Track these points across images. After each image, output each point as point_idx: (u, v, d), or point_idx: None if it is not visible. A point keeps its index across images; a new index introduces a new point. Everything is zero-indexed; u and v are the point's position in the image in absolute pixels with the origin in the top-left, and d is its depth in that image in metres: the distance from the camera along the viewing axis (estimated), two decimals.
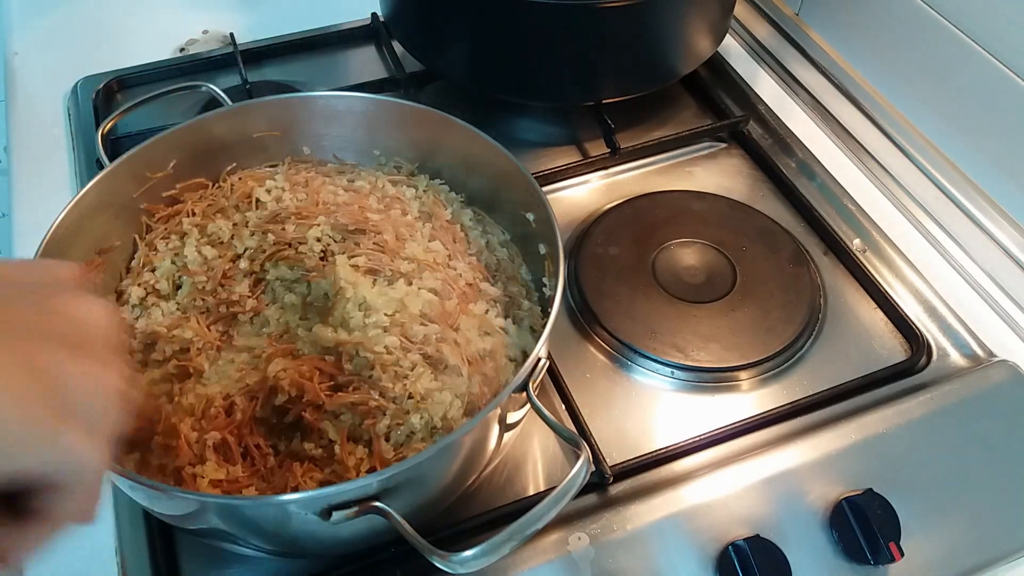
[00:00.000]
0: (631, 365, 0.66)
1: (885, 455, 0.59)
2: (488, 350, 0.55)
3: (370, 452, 0.50)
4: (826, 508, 0.56)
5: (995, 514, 0.57)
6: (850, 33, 0.86)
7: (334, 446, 0.50)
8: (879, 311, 0.69)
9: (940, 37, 0.74)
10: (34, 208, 0.77)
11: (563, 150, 0.83)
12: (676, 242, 0.73)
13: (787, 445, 0.59)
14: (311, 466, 0.50)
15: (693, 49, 0.82)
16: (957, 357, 0.66)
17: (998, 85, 0.70)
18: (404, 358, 0.52)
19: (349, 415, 0.51)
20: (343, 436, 0.50)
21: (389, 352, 0.52)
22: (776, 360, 0.66)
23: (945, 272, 0.73)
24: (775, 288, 0.69)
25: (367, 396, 0.50)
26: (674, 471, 0.59)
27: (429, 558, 0.43)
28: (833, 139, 0.85)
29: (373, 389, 0.51)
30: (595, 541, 0.54)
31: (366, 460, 0.50)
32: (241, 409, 0.51)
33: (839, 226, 0.76)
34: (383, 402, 0.50)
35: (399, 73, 0.88)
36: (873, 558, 0.53)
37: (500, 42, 0.78)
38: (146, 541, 0.55)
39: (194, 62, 0.91)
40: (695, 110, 0.88)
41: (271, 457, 0.51)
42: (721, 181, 0.81)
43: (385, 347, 0.52)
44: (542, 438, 0.62)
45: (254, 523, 0.47)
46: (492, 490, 0.59)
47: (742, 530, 0.55)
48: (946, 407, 0.61)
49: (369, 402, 0.50)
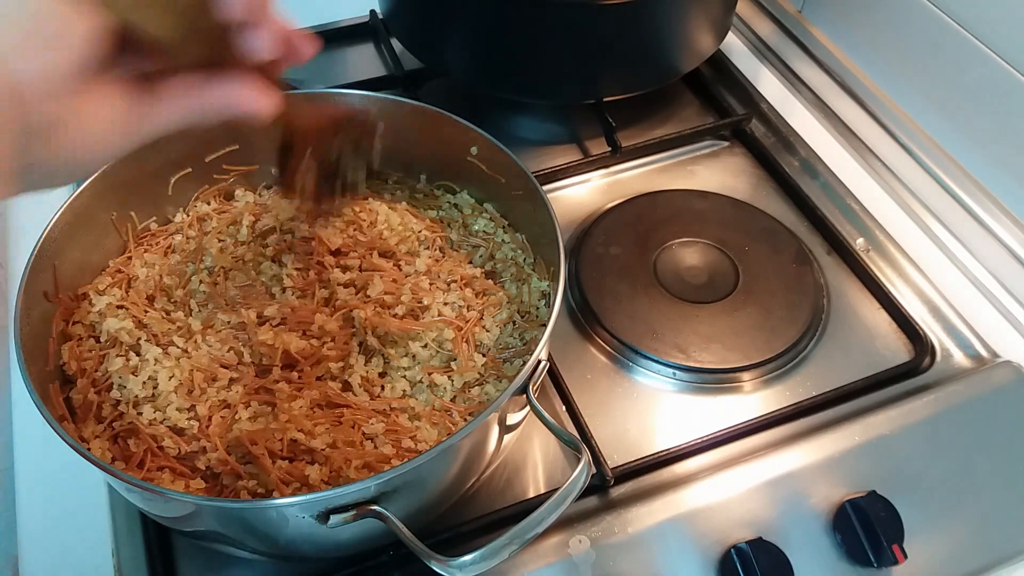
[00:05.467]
0: (632, 366, 0.65)
1: (888, 457, 0.58)
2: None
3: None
4: (829, 510, 0.56)
5: (999, 516, 0.57)
6: (853, 30, 0.86)
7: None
8: (883, 311, 0.69)
9: (944, 35, 0.74)
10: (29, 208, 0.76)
11: (564, 149, 0.83)
12: (678, 242, 0.72)
13: (790, 447, 0.59)
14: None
15: (695, 47, 0.82)
16: (961, 358, 0.66)
17: (1002, 83, 0.69)
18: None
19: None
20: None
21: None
22: (779, 361, 0.65)
23: (949, 272, 0.73)
24: (778, 288, 0.69)
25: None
26: (676, 473, 0.59)
27: (427, 562, 0.43)
28: (836, 137, 0.85)
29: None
30: (596, 544, 0.54)
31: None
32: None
33: (842, 225, 0.75)
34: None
35: (398, 71, 0.87)
36: (876, 560, 0.53)
37: (500, 39, 0.77)
38: (143, 543, 0.55)
39: None
40: (697, 108, 0.88)
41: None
42: (723, 180, 0.80)
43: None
44: (542, 439, 0.61)
45: (250, 526, 0.47)
46: (492, 493, 0.58)
47: (744, 532, 0.54)
48: (950, 408, 0.61)
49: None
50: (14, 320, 0.49)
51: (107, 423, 0.52)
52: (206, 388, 0.53)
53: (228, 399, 0.53)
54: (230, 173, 0.66)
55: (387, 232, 0.62)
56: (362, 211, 0.64)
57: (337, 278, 0.59)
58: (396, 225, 0.63)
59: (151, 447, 0.50)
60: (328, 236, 0.60)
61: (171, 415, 0.52)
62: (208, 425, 0.52)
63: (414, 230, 0.63)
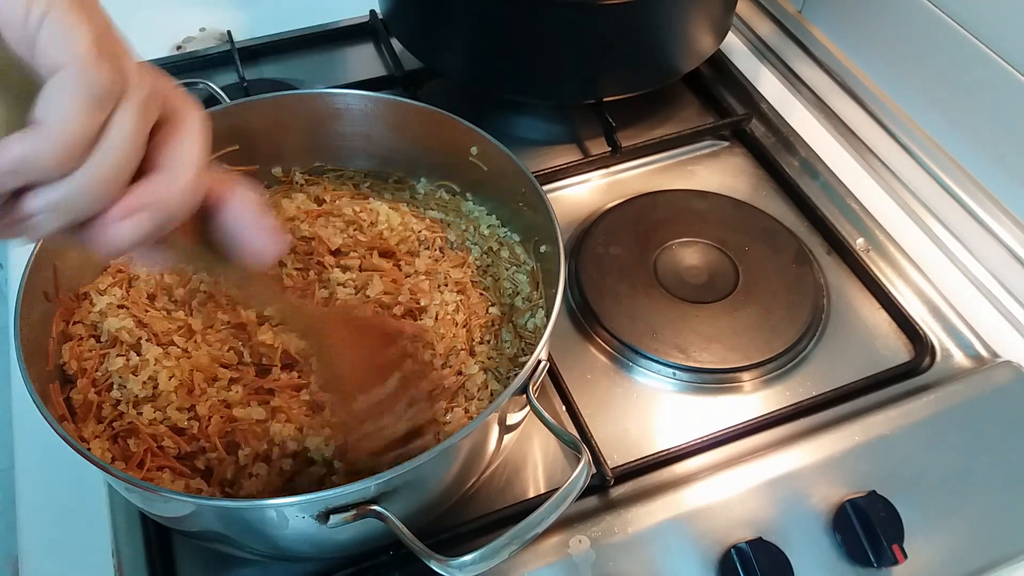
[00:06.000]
0: (632, 366, 0.65)
1: (888, 457, 0.58)
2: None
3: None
4: (829, 510, 0.56)
5: (999, 516, 0.57)
6: (853, 30, 0.86)
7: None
8: (883, 311, 0.69)
9: (944, 35, 0.74)
10: None
11: (564, 148, 0.83)
12: (678, 242, 0.72)
13: (790, 447, 0.59)
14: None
15: (695, 47, 0.82)
16: (961, 358, 0.66)
17: (1002, 83, 0.69)
18: None
19: None
20: None
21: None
22: (779, 361, 0.65)
23: (949, 272, 0.73)
24: (778, 288, 0.69)
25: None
26: (676, 473, 0.59)
27: (427, 562, 0.43)
28: (836, 137, 0.85)
29: None
30: (596, 544, 0.54)
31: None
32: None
33: (842, 225, 0.75)
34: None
35: (398, 71, 0.87)
36: (876, 560, 0.53)
37: (500, 39, 0.77)
38: (143, 543, 0.55)
39: (191, 60, 0.90)
40: (697, 108, 0.88)
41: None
42: (723, 180, 0.80)
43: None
44: (542, 439, 0.61)
45: (250, 526, 0.47)
46: (492, 493, 0.58)
47: (744, 532, 0.54)
48: (950, 408, 0.61)
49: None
50: (14, 320, 0.49)
51: (107, 423, 0.52)
52: (206, 388, 0.53)
53: (228, 399, 0.53)
54: (230, 173, 0.66)
55: (387, 232, 0.62)
56: (362, 211, 0.64)
57: (337, 278, 0.59)
58: (396, 225, 0.63)
59: (151, 447, 0.50)
60: (328, 236, 0.60)
61: (171, 415, 0.52)
62: (208, 425, 0.52)
63: (414, 230, 0.63)
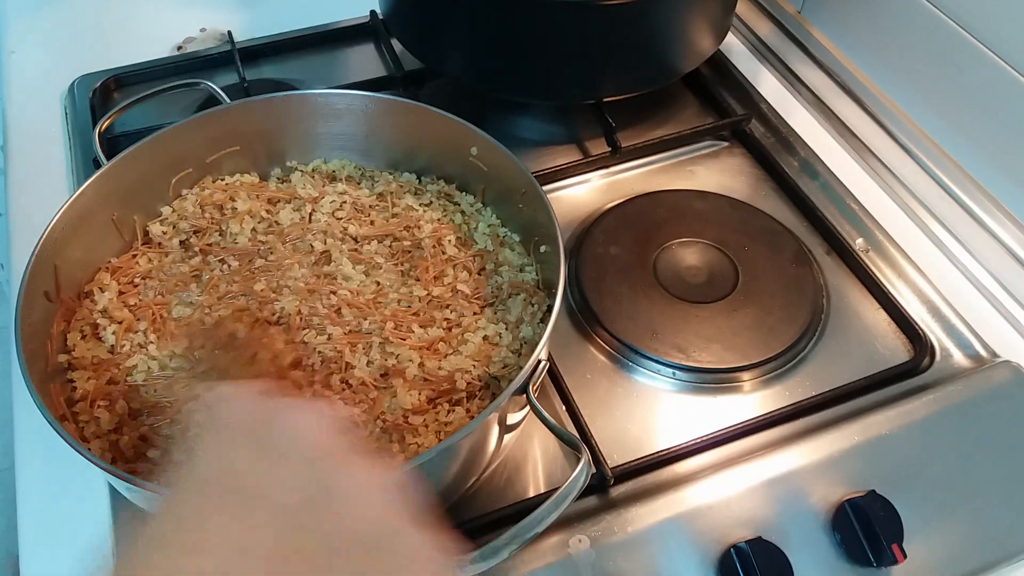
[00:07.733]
0: (632, 366, 0.65)
1: (888, 456, 0.58)
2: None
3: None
4: (828, 510, 0.56)
5: (999, 516, 0.57)
6: (853, 31, 0.86)
7: None
8: (882, 311, 0.69)
9: (943, 35, 0.74)
10: (30, 207, 0.77)
11: (563, 149, 0.83)
12: (677, 242, 0.72)
13: (789, 446, 0.59)
14: None
15: (695, 47, 0.82)
16: (960, 358, 0.66)
17: (1002, 84, 0.69)
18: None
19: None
20: None
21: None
22: (778, 361, 0.65)
23: (948, 272, 0.73)
24: (777, 288, 0.69)
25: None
26: (675, 473, 0.59)
27: None
28: (836, 138, 0.85)
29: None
30: (596, 543, 0.54)
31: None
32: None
33: (842, 226, 0.75)
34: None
35: (398, 71, 0.87)
36: (876, 560, 0.53)
37: (500, 40, 0.77)
38: None
39: (191, 60, 0.90)
40: (697, 109, 0.88)
41: None
42: (723, 180, 0.80)
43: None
44: (542, 439, 0.61)
45: None
46: (491, 492, 0.58)
47: (744, 532, 0.54)
48: (949, 408, 0.61)
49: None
50: (15, 320, 0.50)
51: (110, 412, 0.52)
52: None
53: None
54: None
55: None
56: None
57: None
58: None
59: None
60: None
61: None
62: None
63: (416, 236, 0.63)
